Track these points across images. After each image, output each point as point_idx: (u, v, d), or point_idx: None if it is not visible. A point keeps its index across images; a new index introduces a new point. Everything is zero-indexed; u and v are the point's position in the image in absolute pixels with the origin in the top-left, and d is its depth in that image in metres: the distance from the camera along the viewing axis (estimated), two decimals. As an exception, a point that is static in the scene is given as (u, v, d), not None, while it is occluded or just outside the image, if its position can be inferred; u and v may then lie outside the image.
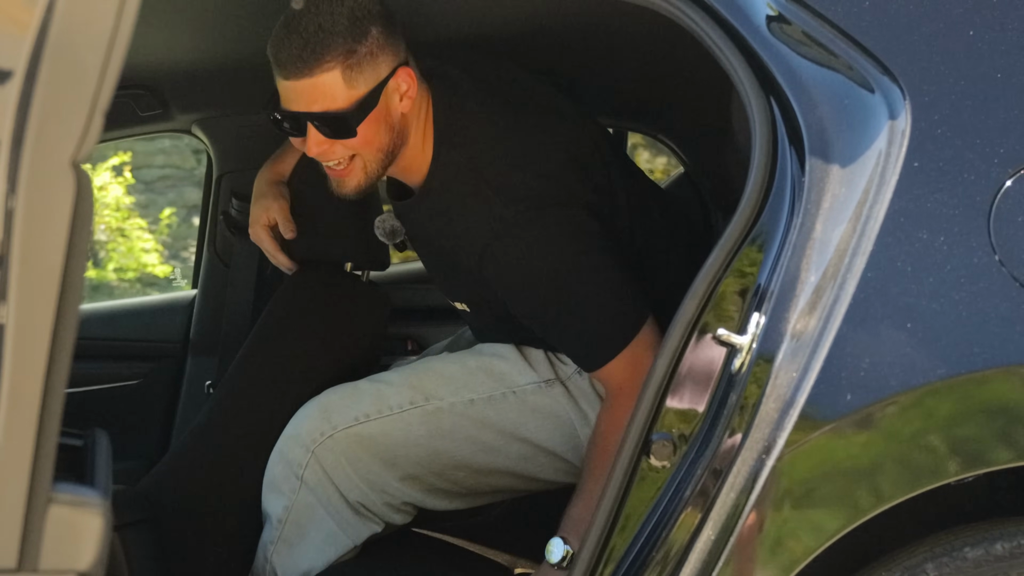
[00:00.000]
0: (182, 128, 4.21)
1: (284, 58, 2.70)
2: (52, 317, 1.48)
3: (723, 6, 2.40)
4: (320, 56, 2.68)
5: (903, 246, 2.18)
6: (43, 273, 1.47)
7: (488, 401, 3.03)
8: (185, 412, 4.25)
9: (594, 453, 2.84)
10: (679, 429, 2.31)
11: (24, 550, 1.56)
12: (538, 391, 3.05)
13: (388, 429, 2.98)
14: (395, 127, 2.83)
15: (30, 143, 1.45)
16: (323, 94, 2.71)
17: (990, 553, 2.24)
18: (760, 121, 2.33)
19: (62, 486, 1.59)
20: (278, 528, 3.01)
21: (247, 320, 4.11)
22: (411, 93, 2.82)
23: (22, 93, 1.45)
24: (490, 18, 3.28)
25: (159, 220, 11.58)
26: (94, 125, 1.47)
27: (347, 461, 2.96)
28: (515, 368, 3.06)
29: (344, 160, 2.83)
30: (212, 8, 3.17)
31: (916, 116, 2.24)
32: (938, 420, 2.19)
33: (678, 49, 3.22)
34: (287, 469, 2.99)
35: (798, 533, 2.21)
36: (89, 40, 1.45)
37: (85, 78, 1.46)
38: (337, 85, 2.70)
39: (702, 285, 2.31)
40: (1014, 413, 2.19)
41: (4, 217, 1.44)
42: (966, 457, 2.19)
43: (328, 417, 2.99)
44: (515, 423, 3.03)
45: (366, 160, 2.83)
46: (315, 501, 2.97)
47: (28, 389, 1.50)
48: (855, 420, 2.16)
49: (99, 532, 1.60)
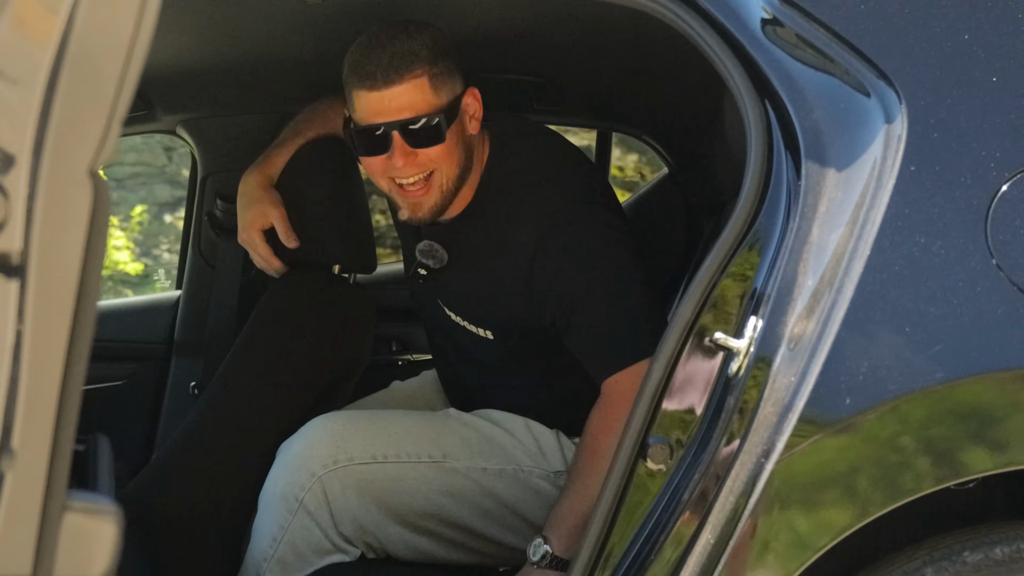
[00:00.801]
0: (167, 129, 4.21)
1: (373, 69, 2.85)
2: (69, 325, 1.48)
3: (718, 9, 2.40)
4: (410, 64, 2.84)
5: (900, 250, 2.19)
6: (60, 281, 1.47)
7: (499, 474, 3.07)
8: (170, 413, 4.24)
9: (583, 454, 2.87)
10: (676, 433, 2.32)
11: (39, 558, 1.56)
12: (545, 478, 3.10)
13: (402, 475, 2.99)
14: (468, 145, 2.99)
15: (49, 152, 1.45)
16: (413, 100, 2.86)
17: (989, 557, 2.26)
18: (756, 125, 2.33)
19: (76, 494, 1.59)
20: (272, 547, 2.99)
21: (232, 321, 4.10)
22: (478, 115, 3.00)
23: (43, 103, 1.45)
24: (474, 18, 3.28)
25: (130, 218, 11.53)
26: (112, 134, 1.47)
27: (355, 495, 2.95)
28: (527, 451, 3.11)
29: (422, 178, 2.93)
30: (198, 10, 3.16)
31: (912, 120, 2.25)
32: (937, 424, 2.20)
33: (663, 50, 3.25)
34: (288, 489, 2.96)
35: (798, 536, 2.21)
36: (108, 50, 1.45)
37: (104, 87, 1.46)
38: (426, 91, 2.86)
39: (698, 289, 2.32)
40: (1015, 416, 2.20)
41: (24, 225, 1.44)
42: (963, 461, 2.20)
43: (343, 447, 2.97)
44: (517, 499, 3.08)
45: (444, 176, 2.94)
46: (312, 524, 2.96)
47: (45, 396, 1.50)
48: (854, 423, 2.17)
49: (113, 540, 1.60)
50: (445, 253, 3.12)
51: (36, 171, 1.44)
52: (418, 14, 3.13)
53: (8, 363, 1.49)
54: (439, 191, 2.96)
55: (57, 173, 1.45)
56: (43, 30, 1.44)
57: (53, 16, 1.44)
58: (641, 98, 4.02)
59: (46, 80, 1.45)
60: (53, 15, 1.44)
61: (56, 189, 1.45)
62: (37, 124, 1.44)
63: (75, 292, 1.47)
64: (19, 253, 1.45)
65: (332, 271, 3.59)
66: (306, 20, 3.20)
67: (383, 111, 2.87)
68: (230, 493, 3.20)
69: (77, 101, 1.46)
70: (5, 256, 1.46)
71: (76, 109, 1.46)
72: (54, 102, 1.45)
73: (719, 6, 2.40)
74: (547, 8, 3.14)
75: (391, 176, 2.94)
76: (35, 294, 1.46)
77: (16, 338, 1.48)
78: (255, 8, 3.14)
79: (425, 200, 2.96)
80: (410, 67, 2.84)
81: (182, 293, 4.40)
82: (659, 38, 3.05)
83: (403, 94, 2.84)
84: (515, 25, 3.35)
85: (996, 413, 2.21)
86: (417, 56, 2.85)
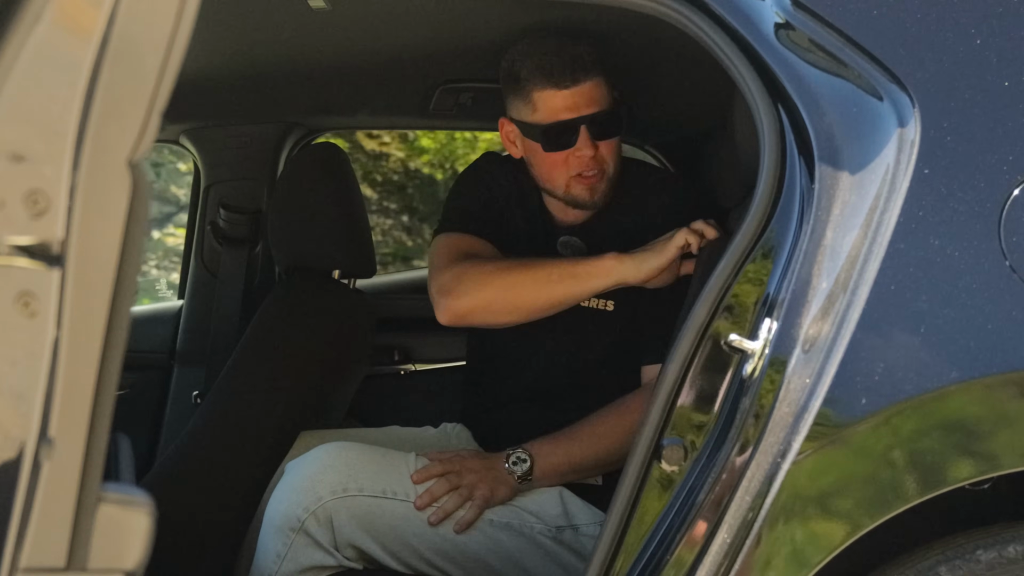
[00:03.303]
0: (170, 139, 4.22)
1: (559, 70, 3.12)
2: (106, 315, 1.49)
3: (730, 14, 2.40)
4: (588, 66, 3.13)
5: (915, 252, 2.20)
6: (99, 271, 1.48)
7: (505, 527, 3.06)
8: (172, 422, 4.23)
9: (606, 411, 3.13)
10: (691, 434, 2.32)
11: (73, 549, 1.56)
12: (547, 533, 3.09)
13: (409, 516, 2.98)
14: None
15: (90, 142, 1.46)
16: (599, 95, 3.16)
17: (1003, 556, 2.26)
18: (768, 129, 2.34)
19: (111, 485, 1.59)
20: (276, 563, 2.98)
21: (235, 330, 4.10)
22: None
23: (86, 94, 1.46)
24: (479, 27, 3.29)
25: (122, 233, 11.50)
26: (151, 125, 1.48)
27: (359, 526, 2.93)
28: (534, 508, 3.11)
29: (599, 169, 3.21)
30: (202, 19, 3.16)
31: (925, 124, 2.25)
32: (952, 424, 2.21)
33: (668, 60, 3.26)
34: (292, 510, 2.94)
35: (814, 536, 2.22)
36: (150, 41, 1.46)
37: (145, 79, 1.47)
38: (606, 87, 3.18)
39: (713, 291, 2.33)
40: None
41: (65, 215, 1.45)
42: (979, 461, 2.21)
43: (355, 476, 2.96)
44: (522, 553, 3.08)
45: (613, 167, 3.25)
46: (314, 545, 2.95)
47: (82, 386, 1.51)
48: (870, 424, 2.18)
49: (146, 531, 1.60)
50: (583, 244, 3.34)
51: (78, 161, 1.46)
52: (424, 24, 3.16)
53: (49, 353, 1.50)
54: (608, 180, 3.25)
55: (98, 163, 1.46)
56: (86, 23, 1.45)
57: (96, 9, 1.46)
58: (645, 108, 4.04)
59: (89, 72, 1.46)
60: (96, 8, 1.46)
61: (97, 179, 1.46)
62: (80, 115, 1.45)
63: (113, 282, 1.48)
64: (60, 242, 1.47)
65: (332, 276, 3.60)
66: (311, 28, 3.20)
67: (573, 107, 3.13)
68: (231, 498, 3.20)
69: (118, 92, 1.48)
70: (46, 245, 1.47)
71: (117, 100, 1.48)
72: (96, 93, 1.46)
73: (731, 10, 2.41)
74: (553, 18, 3.15)
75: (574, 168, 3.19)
76: (74, 283, 1.47)
77: (56, 328, 1.49)
78: (259, 17, 3.15)
79: (598, 186, 3.23)
80: (589, 69, 3.13)
81: (184, 302, 4.40)
82: (664, 47, 3.07)
83: (590, 91, 3.14)
84: (515, 34, 3.35)
85: (1013, 413, 2.22)
86: (591, 59, 3.14)
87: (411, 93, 3.95)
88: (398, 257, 11.03)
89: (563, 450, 3.08)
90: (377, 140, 10.95)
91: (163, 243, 11.36)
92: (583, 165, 3.18)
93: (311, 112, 4.27)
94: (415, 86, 3.88)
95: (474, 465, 3.05)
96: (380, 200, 11.25)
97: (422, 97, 3.94)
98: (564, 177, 3.22)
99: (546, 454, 3.06)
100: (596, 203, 3.26)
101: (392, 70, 3.71)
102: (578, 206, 3.29)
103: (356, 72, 3.75)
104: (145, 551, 1.61)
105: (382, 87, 3.93)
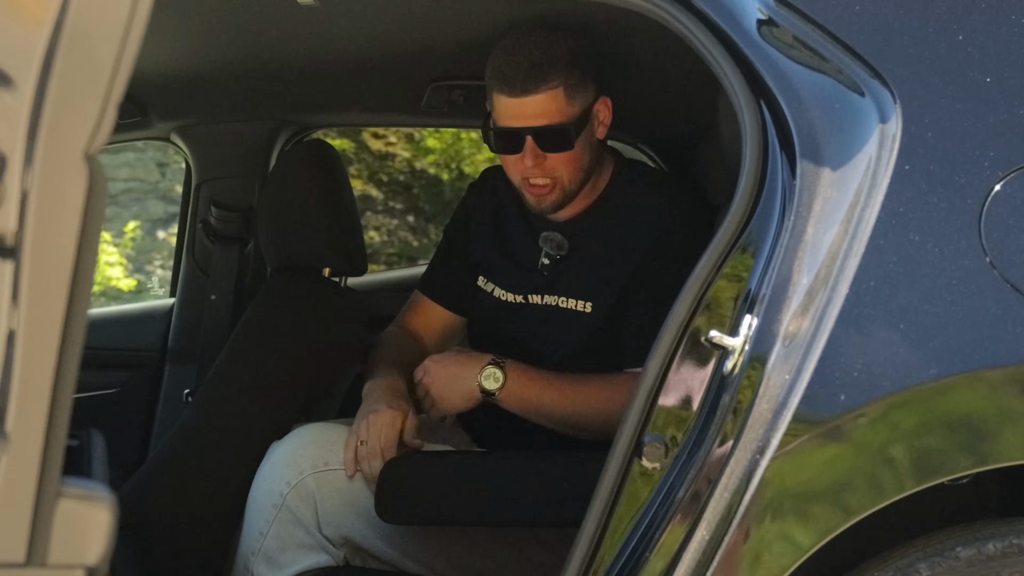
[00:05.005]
0: (161, 136, 4.21)
1: (511, 76, 3.04)
2: (64, 308, 1.48)
3: (713, 10, 2.40)
4: (547, 75, 3.03)
5: (895, 248, 2.19)
6: (55, 263, 1.47)
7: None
8: (163, 420, 4.23)
9: (593, 376, 3.09)
10: (671, 431, 2.31)
11: (33, 544, 1.55)
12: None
13: None
14: (595, 149, 3.21)
15: (44, 133, 1.45)
16: (547, 109, 3.05)
17: (982, 553, 2.25)
18: (750, 125, 2.34)
19: (71, 480, 1.58)
20: (259, 541, 2.99)
21: (226, 328, 4.11)
22: (607, 122, 3.21)
23: (37, 85, 1.45)
24: (469, 25, 3.29)
25: (123, 233, 11.52)
26: (107, 117, 1.47)
27: (340, 501, 2.96)
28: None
29: (549, 180, 3.14)
30: (193, 16, 3.17)
31: (907, 120, 2.25)
32: (933, 420, 2.20)
33: (656, 57, 3.25)
34: (274, 485, 2.96)
35: (793, 533, 2.21)
36: (105, 31, 1.45)
37: (99, 70, 1.46)
38: (560, 101, 3.06)
39: (693, 287, 2.32)
40: (1006, 413, 2.21)
41: (18, 206, 1.44)
42: (960, 456, 2.20)
43: (336, 452, 2.98)
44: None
45: (568, 178, 3.15)
46: (295, 521, 2.95)
47: (39, 380, 1.50)
48: (849, 420, 2.17)
49: (107, 527, 1.59)
50: (566, 241, 3.26)
51: (31, 152, 1.44)
52: (414, 21, 3.15)
53: (2, 346, 1.49)
54: (561, 191, 3.16)
55: (52, 155, 1.45)
56: (38, 11, 1.44)
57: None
58: (635, 106, 4.03)
59: (41, 62, 1.45)
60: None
61: (51, 171, 1.45)
62: (32, 106, 1.44)
63: (70, 274, 1.47)
64: (13, 234, 1.45)
65: (322, 274, 3.59)
66: (300, 24, 3.20)
67: (519, 116, 3.06)
68: (221, 495, 3.19)
69: (72, 83, 1.46)
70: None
71: (71, 91, 1.46)
72: (49, 84, 1.45)
73: (714, 6, 2.41)
74: (541, 13, 3.14)
75: (521, 174, 3.15)
76: (30, 276, 1.46)
77: (10, 320, 1.48)
78: (249, 13, 3.15)
79: (548, 196, 3.16)
80: (547, 78, 3.02)
81: (176, 301, 4.40)
82: (651, 44, 3.06)
83: (538, 103, 3.04)
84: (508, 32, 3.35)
85: (992, 409, 2.22)
86: (554, 67, 3.03)
87: (402, 90, 3.95)
88: (403, 257, 11.03)
89: (538, 387, 3.06)
90: (383, 140, 10.96)
91: (168, 243, 11.37)
92: (529, 173, 3.13)
93: (302, 109, 4.27)
94: (406, 83, 3.88)
95: (441, 375, 3.11)
96: (386, 200, 11.25)
97: (413, 94, 3.94)
98: (517, 179, 3.20)
99: (521, 382, 3.06)
100: (545, 211, 3.22)
101: (382, 67, 3.71)
102: (532, 211, 3.27)
103: (346, 69, 3.75)
104: (107, 546, 1.61)
105: (373, 84, 3.93)
